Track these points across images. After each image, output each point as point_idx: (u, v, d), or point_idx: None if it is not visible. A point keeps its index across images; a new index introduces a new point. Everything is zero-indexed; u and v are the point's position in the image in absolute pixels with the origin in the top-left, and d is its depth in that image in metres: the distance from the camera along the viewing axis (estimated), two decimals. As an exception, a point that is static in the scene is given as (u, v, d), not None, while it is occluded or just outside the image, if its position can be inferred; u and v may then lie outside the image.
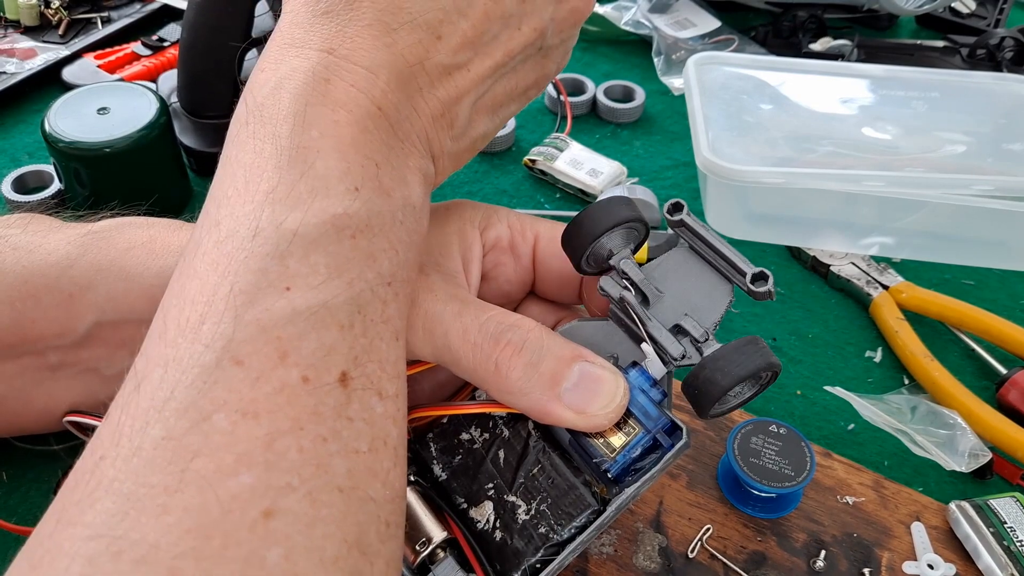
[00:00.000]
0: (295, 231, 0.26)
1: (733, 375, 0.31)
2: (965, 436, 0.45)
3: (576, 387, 0.32)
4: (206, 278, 0.26)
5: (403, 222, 0.29)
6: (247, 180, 0.27)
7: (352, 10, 0.29)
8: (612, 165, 0.63)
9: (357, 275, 0.27)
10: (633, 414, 0.33)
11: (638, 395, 0.33)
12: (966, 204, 0.55)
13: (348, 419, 0.25)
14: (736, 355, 0.31)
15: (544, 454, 0.34)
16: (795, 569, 0.40)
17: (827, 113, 0.64)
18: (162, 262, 0.36)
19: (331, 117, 0.27)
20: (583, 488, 0.33)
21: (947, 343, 0.53)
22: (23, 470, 0.43)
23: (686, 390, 0.33)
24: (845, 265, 0.57)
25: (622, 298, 0.34)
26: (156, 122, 0.55)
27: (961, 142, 0.61)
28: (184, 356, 0.24)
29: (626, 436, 0.33)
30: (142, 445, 0.23)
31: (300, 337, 0.25)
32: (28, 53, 0.71)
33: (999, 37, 0.76)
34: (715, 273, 0.35)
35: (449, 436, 0.35)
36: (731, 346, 0.32)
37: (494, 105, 0.33)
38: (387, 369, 0.27)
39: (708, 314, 0.34)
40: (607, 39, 0.79)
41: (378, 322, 0.27)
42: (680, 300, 0.35)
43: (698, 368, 0.32)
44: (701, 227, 0.35)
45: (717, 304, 0.34)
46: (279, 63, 0.29)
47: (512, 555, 0.32)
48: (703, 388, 0.31)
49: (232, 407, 0.24)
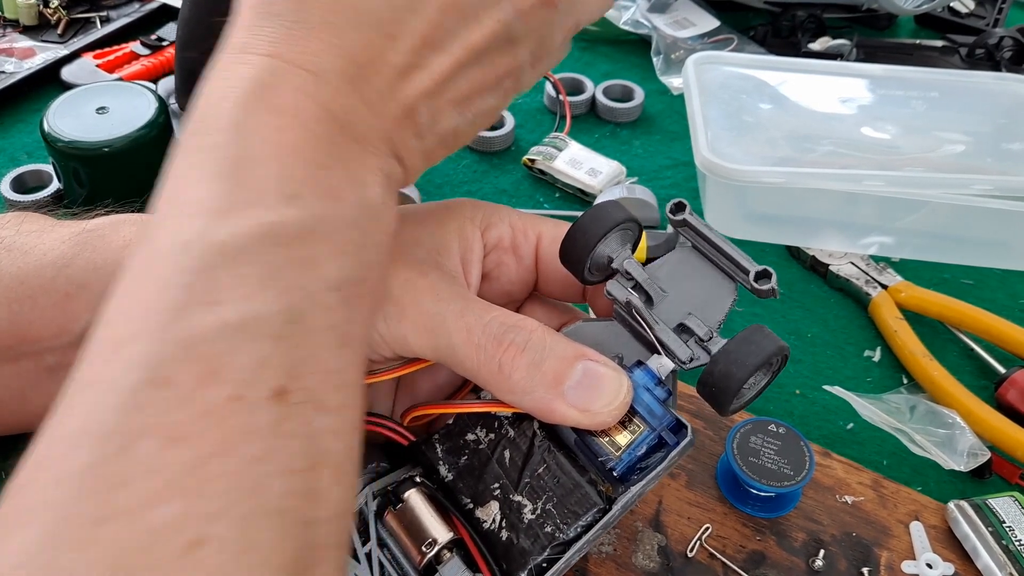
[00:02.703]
0: (224, 243, 0.25)
1: (748, 365, 0.31)
2: (964, 435, 0.45)
3: (579, 385, 0.32)
4: (136, 295, 0.25)
5: (358, 224, 0.28)
6: (184, 193, 0.26)
7: (300, 11, 0.28)
8: (611, 165, 0.63)
9: (293, 283, 0.26)
10: (638, 412, 0.33)
11: (643, 394, 0.33)
12: (965, 204, 0.55)
13: (284, 436, 0.24)
14: (746, 345, 0.31)
15: (549, 453, 0.34)
16: (794, 568, 0.40)
17: (827, 113, 0.64)
18: None
19: (274, 124, 0.27)
20: (589, 487, 0.33)
21: (946, 342, 0.53)
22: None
23: (702, 389, 0.33)
24: (844, 265, 0.57)
25: (628, 302, 0.34)
26: (155, 121, 0.55)
27: (960, 142, 0.61)
28: (110, 378, 0.23)
29: (631, 435, 0.33)
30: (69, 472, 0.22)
31: (230, 352, 0.24)
32: (27, 52, 0.71)
33: (998, 37, 0.76)
34: (718, 272, 0.35)
35: (455, 437, 0.35)
36: (738, 338, 0.32)
37: (461, 100, 0.32)
38: (331, 379, 0.26)
39: (712, 312, 0.34)
40: (606, 39, 0.79)
41: (320, 330, 0.26)
42: (684, 299, 0.35)
43: (711, 365, 0.32)
44: (703, 226, 0.35)
45: (721, 302, 0.35)
46: (225, 71, 0.28)
47: (518, 554, 0.32)
48: (720, 384, 0.31)
49: (158, 431, 0.23)
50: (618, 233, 0.35)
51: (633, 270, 0.35)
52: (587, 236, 0.35)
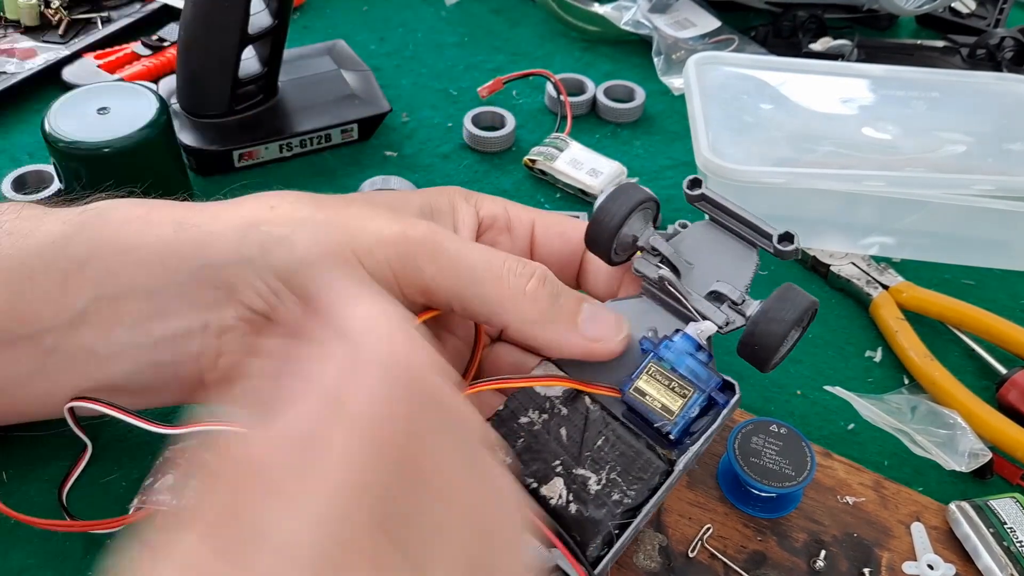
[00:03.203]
0: None
1: (787, 321, 0.34)
2: (965, 436, 0.45)
3: (590, 320, 0.36)
4: None
5: None
6: None
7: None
8: (612, 165, 0.63)
9: None
10: (685, 377, 0.35)
11: (687, 359, 0.35)
12: (966, 204, 0.55)
13: None
14: (782, 303, 0.34)
15: (605, 426, 0.35)
16: (795, 569, 0.40)
17: (827, 113, 0.64)
18: (158, 231, 0.36)
19: None
20: (649, 452, 0.35)
21: (947, 343, 0.53)
22: (24, 469, 0.43)
23: (744, 349, 0.35)
24: (845, 265, 0.57)
25: (660, 277, 0.36)
26: (156, 122, 0.55)
27: (961, 142, 0.61)
28: None
29: (683, 398, 0.35)
30: None
31: None
32: (28, 53, 0.71)
33: (999, 37, 0.76)
34: (738, 240, 0.37)
35: (508, 422, 0.36)
36: (773, 298, 0.34)
37: None
38: None
39: (738, 279, 0.37)
40: (607, 39, 0.79)
41: None
42: (709, 269, 0.37)
43: (751, 325, 0.35)
44: (721, 198, 0.37)
45: (745, 269, 0.37)
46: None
47: (590, 525, 0.34)
48: (762, 342, 0.34)
49: None
50: (640, 213, 0.37)
51: (659, 245, 0.37)
52: (612, 218, 0.37)
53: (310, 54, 0.69)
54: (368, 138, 0.67)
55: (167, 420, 0.45)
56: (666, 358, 0.35)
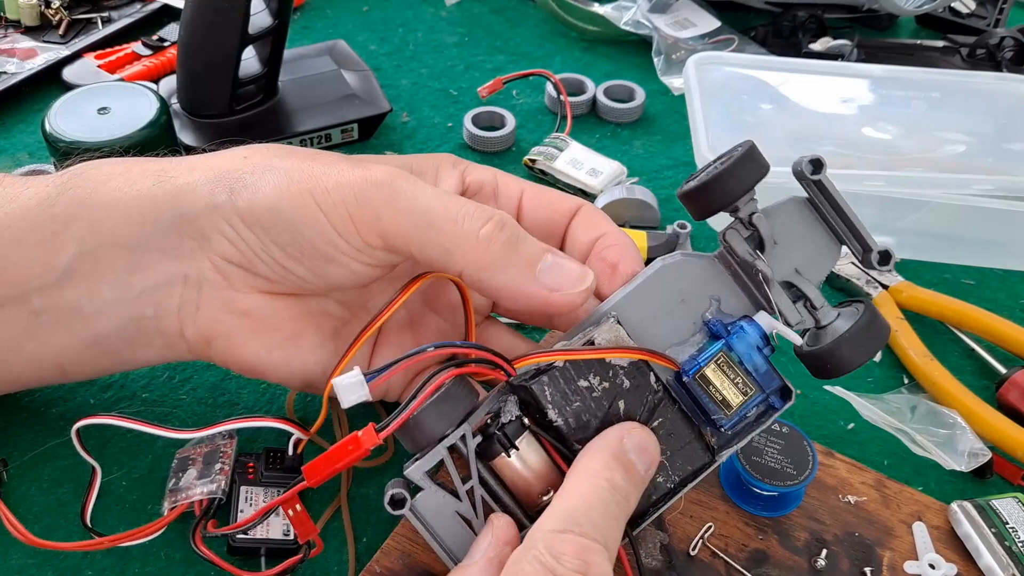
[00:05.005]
0: None
1: (870, 353, 0.34)
2: (965, 436, 0.45)
3: (550, 270, 0.35)
4: None
5: None
6: None
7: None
8: (612, 165, 0.63)
9: None
10: (751, 375, 0.35)
11: (754, 353, 0.35)
12: (966, 204, 0.55)
13: None
14: (869, 334, 0.34)
15: (665, 408, 0.35)
16: (796, 568, 0.40)
17: (827, 113, 0.64)
18: (140, 186, 0.37)
19: None
20: (697, 442, 0.35)
21: (947, 343, 0.53)
22: (24, 469, 0.43)
23: (812, 359, 0.35)
24: (845, 264, 0.57)
25: (756, 268, 0.35)
26: (156, 121, 0.55)
27: (961, 142, 0.61)
28: None
29: (743, 396, 0.35)
30: None
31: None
32: (28, 53, 0.71)
33: (999, 37, 0.76)
34: (828, 232, 0.36)
35: (568, 382, 0.35)
36: (860, 325, 0.34)
37: None
38: None
39: (816, 271, 0.36)
40: (607, 39, 0.79)
41: None
42: (791, 252, 0.36)
43: (833, 346, 0.34)
44: (835, 191, 0.36)
45: (825, 262, 0.36)
46: None
47: None
48: (837, 365, 0.34)
49: None
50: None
51: (760, 224, 0.35)
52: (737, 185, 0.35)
53: (310, 54, 0.69)
54: (368, 138, 0.67)
55: (171, 423, 0.46)
56: (736, 349, 0.35)
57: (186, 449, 0.42)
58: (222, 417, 0.46)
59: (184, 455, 0.41)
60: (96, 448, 0.42)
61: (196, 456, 0.41)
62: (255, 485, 0.41)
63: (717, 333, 0.35)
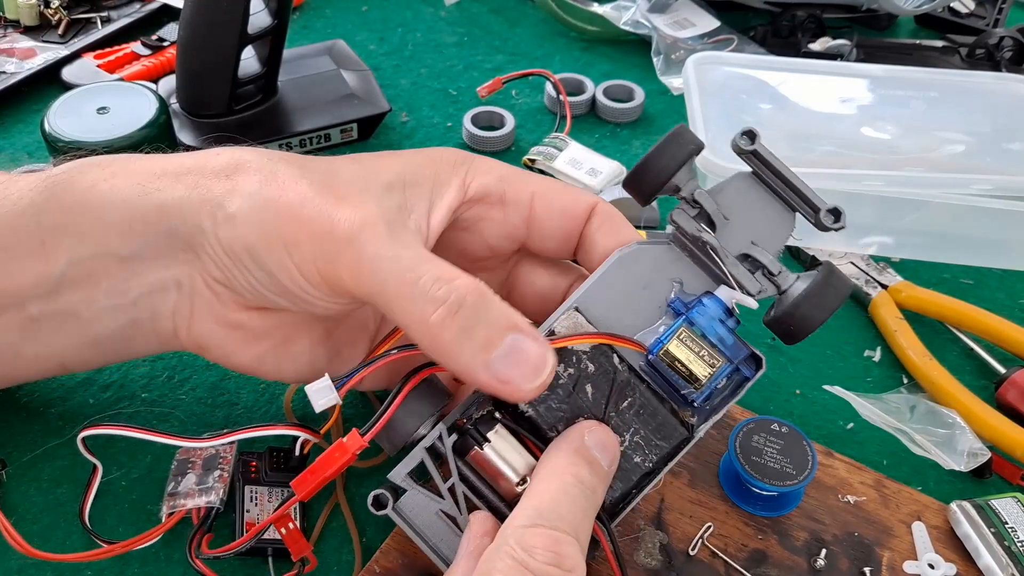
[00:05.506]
0: None
1: (830, 308, 0.34)
2: (964, 435, 0.45)
3: (505, 357, 0.32)
4: None
5: None
6: None
7: None
8: (611, 165, 0.63)
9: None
10: (715, 346, 0.35)
11: (716, 326, 0.35)
12: (965, 204, 0.55)
13: None
14: (826, 289, 0.34)
15: (632, 389, 0.35)
16: (796, 568, 0.40)
17: (826, 113, 0.64)
18: (125, 193, 0.36)
19: None
20: (673, 419, 0.35)
21: (946, 342, 0.53)
22: (23, 469, 0.43)
23: (777, 325, 0.35)
24: (844, 264, 0.57)
25: (703, 240, 0.35)
26: (156, 121, 0.55)
27: (960, 142, 0.61)
28: None
29: (710, 368, 0.34)
30: None
31: None
32: (28, 53, 0.71)
33: (998, 37, 0.76)
34: (779, 201, 0.36)
35: None
36: (818, 282, 0.34)
37: None
38: None
39: (772, 242, 0.36)
40: (606, 39, 0.79)
41: None
42: (745, 227, 0.36)
43: (792, 307, 0.34)
44: (773, 157, 0.36)
45: (781, 232, 0.36)
46: None
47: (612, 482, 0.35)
48: (800, 324, 0.34)
49: None
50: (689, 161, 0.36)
51: (703, 200, 0.35)
52: (667, 164, 0.35)
53: (310, 54, 0.69)
54: (368, 138, 0.67)
55: (170, 423, 0.46)
56: (697, 323, 0.35)
57: (186, 450, 0.42)
58: (221, 417, 0.46)
59: (184, 457, 0.41)
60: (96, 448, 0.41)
61: (196, 459, 0.41)
62: (258, 484, 0.41)
63: (678, 311, 0.36)
